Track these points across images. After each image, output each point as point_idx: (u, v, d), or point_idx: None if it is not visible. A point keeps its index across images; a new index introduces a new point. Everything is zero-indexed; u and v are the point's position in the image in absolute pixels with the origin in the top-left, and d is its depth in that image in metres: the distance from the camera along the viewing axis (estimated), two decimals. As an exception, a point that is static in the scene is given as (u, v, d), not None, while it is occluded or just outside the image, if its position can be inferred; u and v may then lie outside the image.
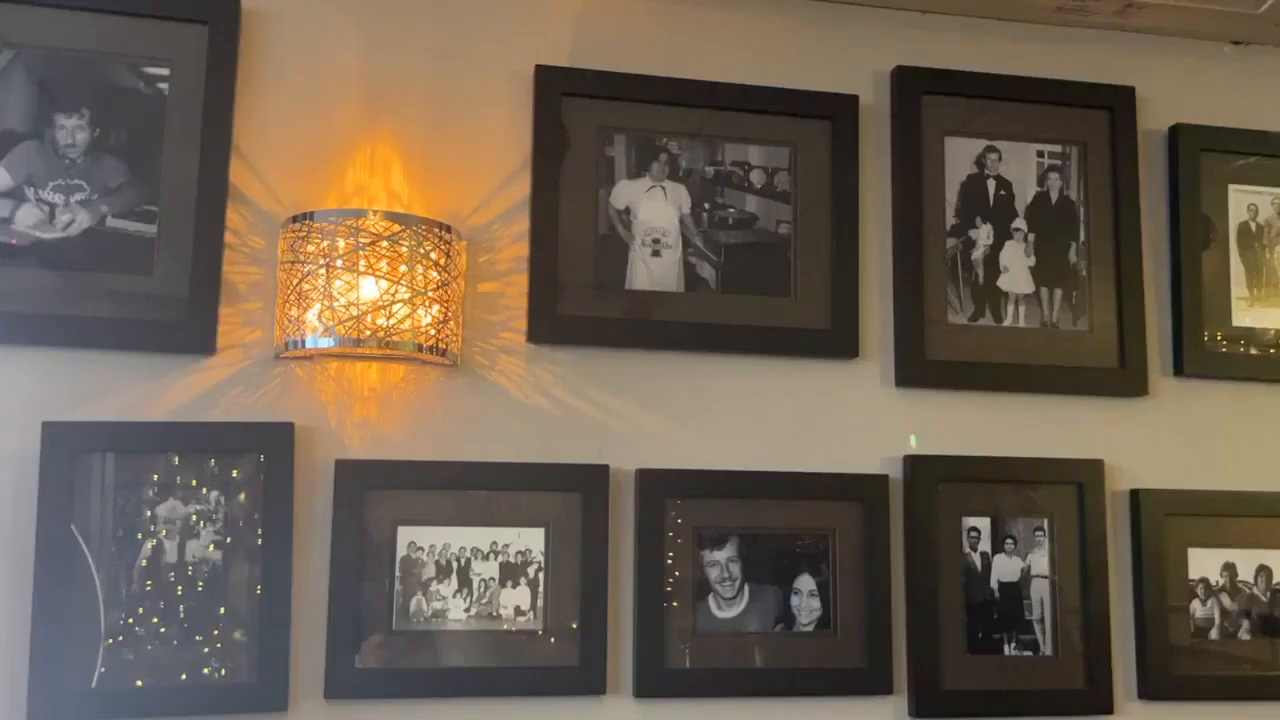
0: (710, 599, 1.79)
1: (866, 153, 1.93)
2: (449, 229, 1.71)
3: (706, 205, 1.87)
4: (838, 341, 1.88)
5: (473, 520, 1.72)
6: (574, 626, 1.72)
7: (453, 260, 1.71)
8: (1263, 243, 2.04)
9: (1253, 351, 2.01)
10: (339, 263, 1.65)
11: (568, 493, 1.75)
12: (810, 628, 1.81)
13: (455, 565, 1.71)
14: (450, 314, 1.70)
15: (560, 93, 1.82)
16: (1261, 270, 2.04)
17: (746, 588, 1.80)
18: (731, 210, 1.88)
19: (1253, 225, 2.04)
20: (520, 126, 1.83)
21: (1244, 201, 2.04)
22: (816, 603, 1.81)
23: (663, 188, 1.86)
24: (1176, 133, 2.02)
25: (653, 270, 1.84)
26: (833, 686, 1.80)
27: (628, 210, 1.84)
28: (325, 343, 1.64)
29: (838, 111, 1.91)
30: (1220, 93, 2.07)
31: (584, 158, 1.83)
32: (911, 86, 1.94)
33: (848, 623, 1.81)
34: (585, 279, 1.81)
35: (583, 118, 1.83)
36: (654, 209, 1.85)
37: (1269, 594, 1.95)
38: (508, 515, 1.74)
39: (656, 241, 1.85)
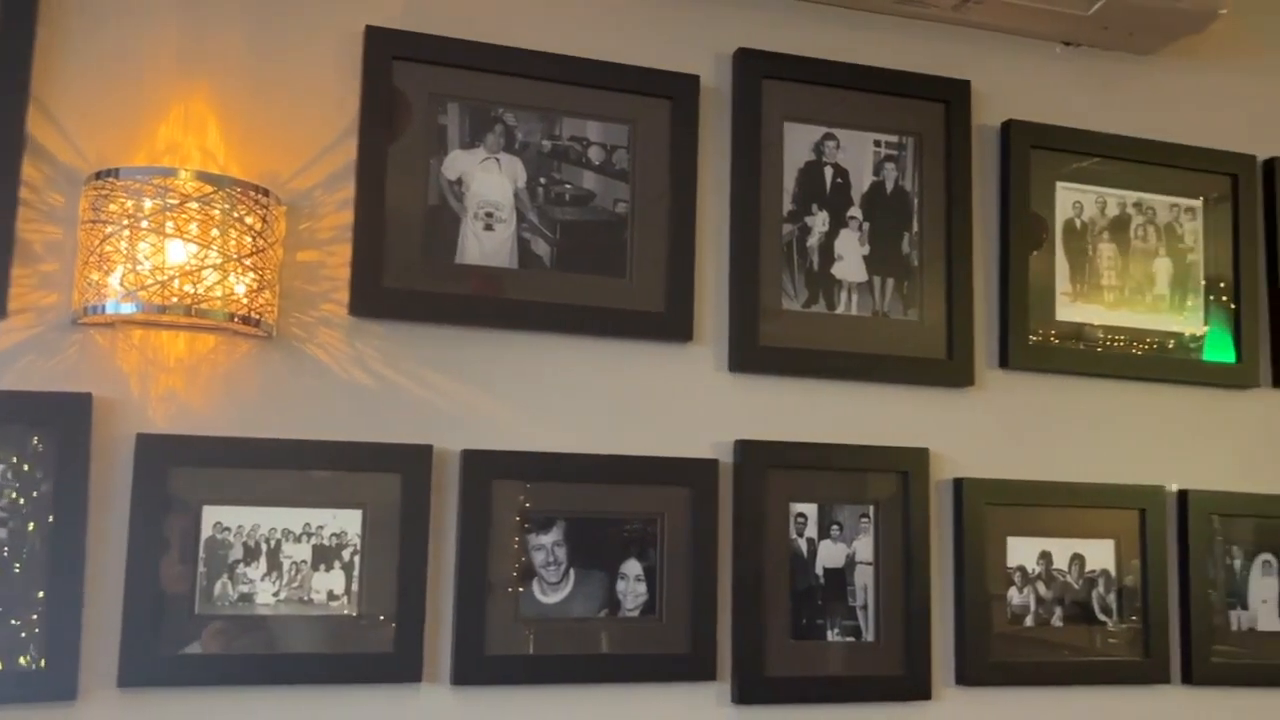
0: (535, 584, 1.74)
1: (706, 134, 1.91)
2: (266, 193, 1.62)
3: (543, 180, 1.82)
4: (672, 325, 1.85)
5: (284, 500, 1.64)
6: (391, 612, 1.66)
7: (270, 226, 1.62)
8: (1087, 240, 2.09)
9: (1074, 346, 2.06)
10: (145, 224, 1.55)
11: (387, 473, 1.68)
12: (636, 613, 1.78)
13: (265, 547, 1.63)
14: (265, 282, 1.62)
15: (391, 56, 1.75)
16: (1085, 267, 2.09)
17: (572, 572, 1.76)
18: (568, 186, 1.83)
19: (1078, 223, 2.09)
20: (348, 89, 1.75)
21: (1070, 199, 2.09)
22: (643, 588, 1.79)
23: (497, 160, 1.80)
24: (1009, 129, 2.06)
25: (485, 245, 1.78)
26: (657, 673, 1.78)
27: (460, 181, 1.78)
28: (127, 308, 1.54)
29: (678, 91, 1.88)
30: (1051, 91, 2.12)
31: (415, 125, 1.76)
32: (753, 70, 1.93)
33: (674, 608, 1.79)
34: (413, 251, 1.74)
35: (415, 83, 1.76)
36: (488, 181, 1.79)
37: (1081, 582, 2.01)
38: (322, 496, 1.66)
39: (489, 215, 1.79)
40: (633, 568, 1.79)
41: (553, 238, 1.81)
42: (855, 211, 1.97)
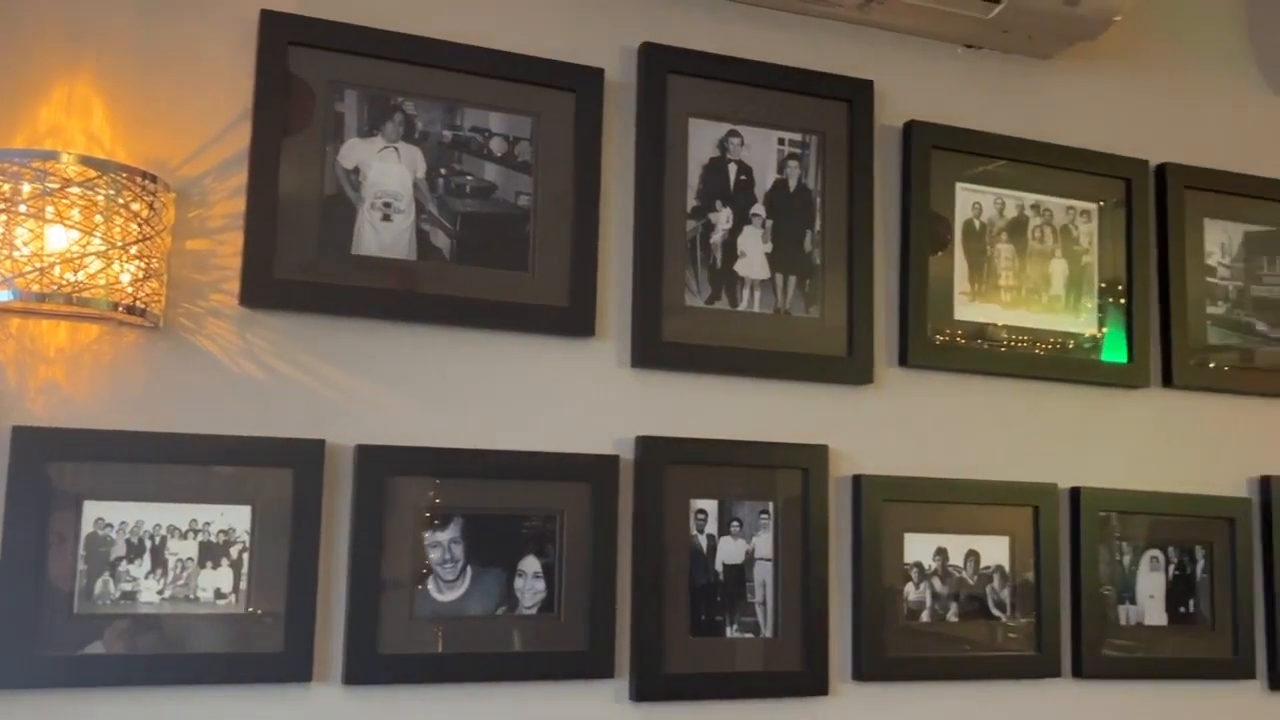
0: (430, 582, 1.71)
1: (611, 129, 1.90)
2: (154, 179, 1.57)
3: (443, 170, 1.79)
4: (574, 320, 1.83)
5: (170, 496, 1.59)
6: (280, 611, 1.62)
7: (157, 213, 1.57)
8: (985, 241, 2.12)
9: (972, 345, 2.09)
10: (23, 208, 1.49)
11: (278, 468, 1.64)
12: (534, 611, 1.76)
13: (149, 544, 1.58)
14: (152, 271, 1.57)
15: (287, 41, 1.70)
16: (983, 267, 2.12)
17: (469, 570, 1.73)
18: (469, 178, 1.81)
19: (977, 223, 2.12)
20: (242, 74, 1.70)
21: (970, 200, 2.12)
22: (541, 585, 1.77)
23: (396, 149, 1.77)
24: (910, 129, 2.07)
25: (382, 235, 1.75)
26: (554, 670, 1.77)
27: (357, 170, 1.74)
28: (4, 296, 1.48)
29: (583, 84, 1.87)
30: (953, 93, 2.14)
31: (311, 112, 1.72)
32: (658, 64, 1.92)
33: (572, 606, 1.78)
34: (307, 241, 1.70)
35: (311, 70, 1.72)
36: (386, 171, 1.76)
37: (976, 578, 2.04)
38: (210, 491, 1.61)
39: (388, 205, 1.76)
40: (531, 565, 1.77)
41: (453, 229, 1.79)
42: (759, 209, 1.98)
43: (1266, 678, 2.21)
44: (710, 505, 1.88)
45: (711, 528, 1.88)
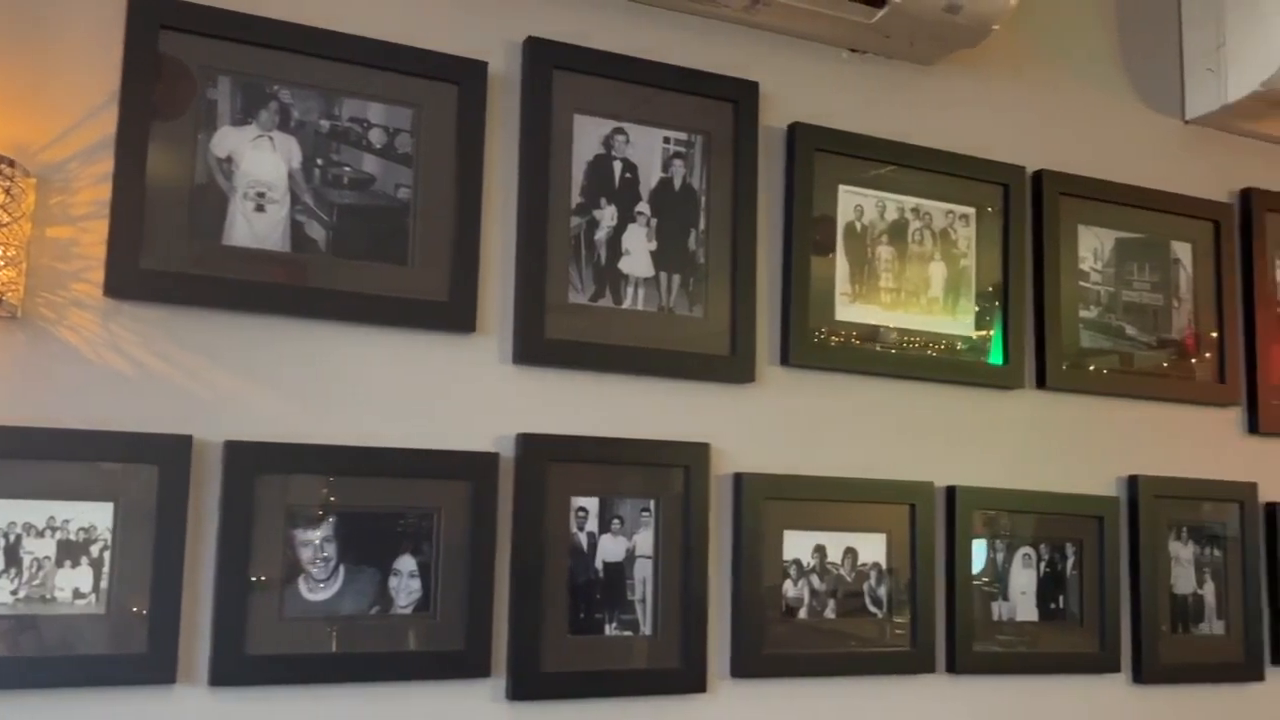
0: (301, 581, 1.68)
1: (494, 123, 1.88)
2: (12, 163, 1.51)
3: (320, 161, 1.76)
4: (455, 315, 1.81)
5: (26, 492, 1.53)
6: (144, 611, 1.57)
7: (15, 199, 1.51)
8: (866, 243, 2.15)
9: (853, 345, 2.11)
10: None
11: (143, 464, 1.59)
12: (409, 610, 1.74)
13: (3, 542, 1.52)
14: (9, 259, 1.51)
15: (158, 24, 1.65)
16: (864, 268, 2.15)
17: (342, 569, 1.70)
18: (347, 169, 1.77)
19: (858, 225, 2.15)
20: (110, 57, 1.64)
21: (852, 202, 2.15)
22: (417, 584, 1.75)
23: (271, 138, 1.73)
24: (794, 131, 2.09)
25: (255, 226, 1.71)
26: (429, 670, 1.74)
27: (230, 159, 1.70)
28: None
29: (465, 77, 1.85)
30: (837, 96, 2.17)
31: (181, 98, 1.67)
32: (543, 59, 1.90)
33: (448, 605, 1.76)
34: (176, 231, 1.65)
35: (182, 54, 1.67)
36: (260, 160, 1.72)
37: (854, 574, 2.06)
38: (70, 488, 1.56)
39: (261, 196, 1.71)
40: (406, 564, 1.74)
41: (329, 221, 1.75)
42: (643, 207, 1.98)
43: (1131, 671, 2.28)
44: (591, 503, 1.88)
45: (592, 525, 1.88)
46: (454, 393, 1.82)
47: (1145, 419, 2.37)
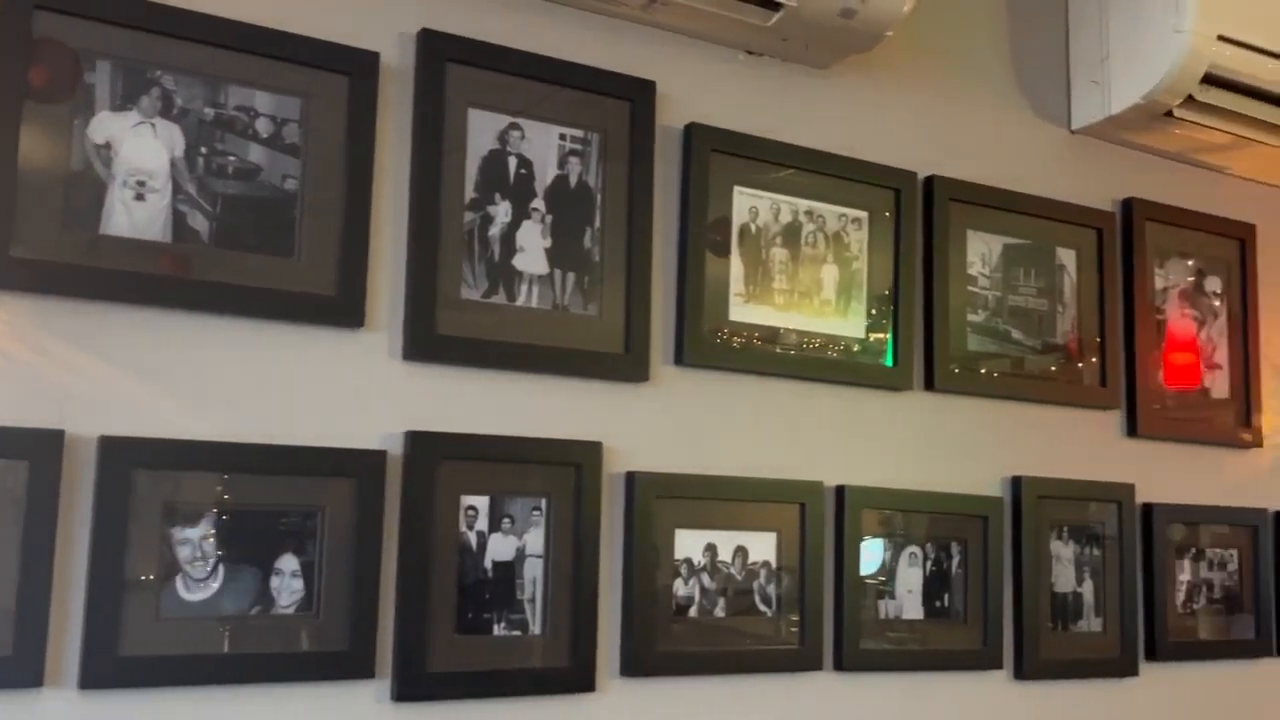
0: (179, 580, 1.63)
1: (386, 115, 1.85)
2: (-128, 144, 1.44)
3: (204, 150, 1.71)
4: (343, 309, 1.78)
5: (-117, 488, 1.47)
6: (9, 612, 1.51)
7: (-126, 181, 1.45)
8: (760, 244, 2.17)
9: (746, 345, 2.13)
10: None
11: (11, 460, 1.53)
12: (291, 610, 1.70)
13: None
14: None
15: (31, 4, 1.60)
16: (759, 270, 2.16)
17: (221, 568, 1.66)
18: (232, 158, 1.73)
19: (753, 227, 2.16)
20: (-20, 36, 1.58)
21: (747, 204, 2.16)
22: (299, 584, 1.71)
23: (152, 125, 1.68)
24: (691, 131, 2.10)
25: (135, 216, 1.66)
26: (311, 671, 1.71)
27: (108, 146, 1.65)
28: None
29: (357, 68, 1.81)
30: (734, 97, 2.18)
31: (56, 81, 1.61)
32: (436, 52, 1.88)
33: (332, 605, 1.72)
34: (50, 219, 1.60)
35: (58, 36, 1.62)
36: (140, 147, 1.67)
37: (744, 573, 2.08)
38: (-69, 484, 1.50)
39: (141, 184, 1.66)
40: (289, 563, 1.71)
41: (213, 212, 1.71)
42: (538, 203, 1.96)
43: (1012, 668, 2.33)
44: (481, 502, 1.86)
45: (482, 524, 1.86)
46: (341, 389, 1.79)
47: (1029, 421, 2.43)
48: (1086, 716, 2.42)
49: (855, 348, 2.24)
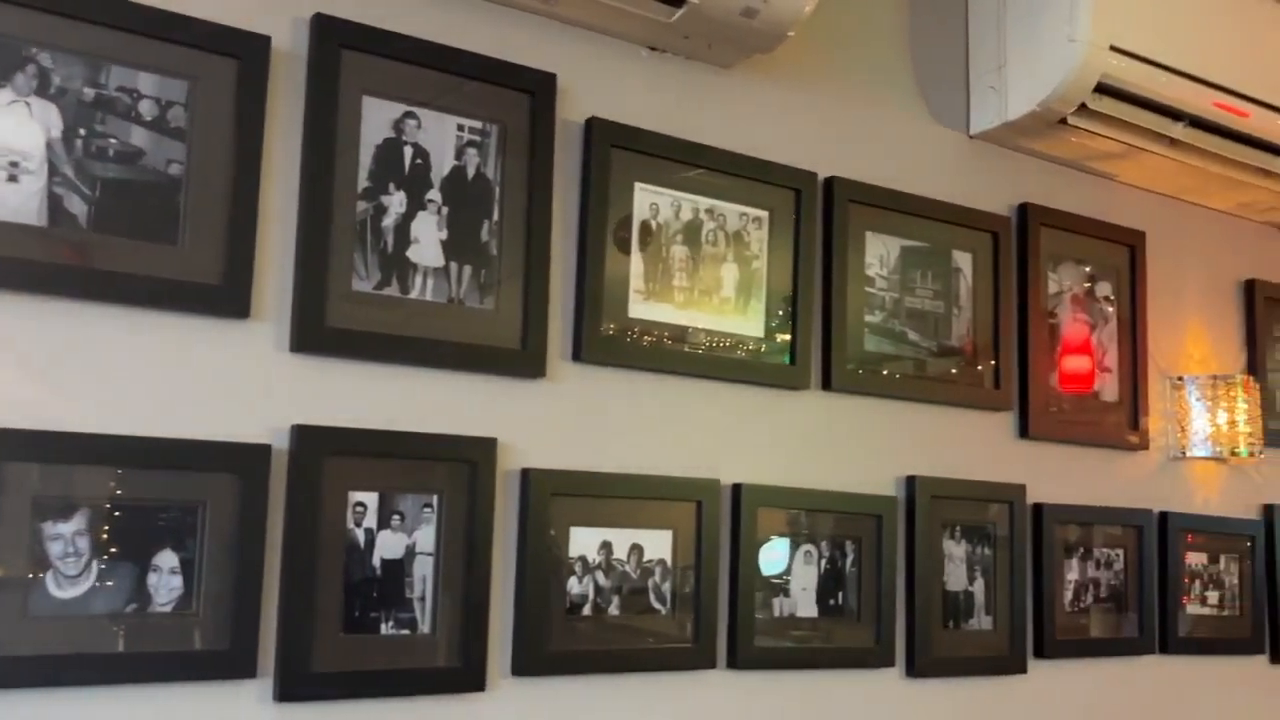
0: (50, 577, 1.57)
1: (277, 100, 1.80)
2: None
3: (83, 131, 1.65)
4: (228, 299, 1.73)
5: None
6: None
7: None
8: (661, 241, 2.16)
9: (645, 342, 2.12)
10: None
11: None
12: (169, 608, 1.65)
13: None
14: None
15: (-104, -27, 1.53)
16: (658, 267, 2.15)
17: (95, 565, 1.60)
18: (113, 141, 1.67)
19: (654, 224, 2.15)
20: None
21: (648, 200, 2.15)
22: (178, 581, 1.66)
23: (28, 104, 1.61)
24: (591, 126, 2.08)
25: (7, 198, 1.59)
26: (191, 671, 1.66)
27: (-21, 124, 1.58)
28: None
29: (247, 51, 1.77)
30: (636, 93, 2.17)
31: (-77, 55, 1.54)
32: (330, 37, 1.84)
33: (213, 603, 1.67)
34: (-86, 198, 1.53)
35: (-74, 7, 1.55)
36: (14, 127, 1.60)
37: (639, 571, 2.07)
38: None
39: (14, 165, 1.60)
40: (168, 559, 1.65)
41: (92, 195, 1.65)
42: (434, 194, 1.93)
43: (905, 665, 2.35)
44: (370, 498, 1.82)
45: (371, 521, 1.82)
46: (225, 381, 1.74)
47: (924, 421, 2.46)
48: (976, 713, 2.45)
49: (754, 347, 2.24)
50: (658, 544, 2.09)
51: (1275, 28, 2.72)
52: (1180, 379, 2.89)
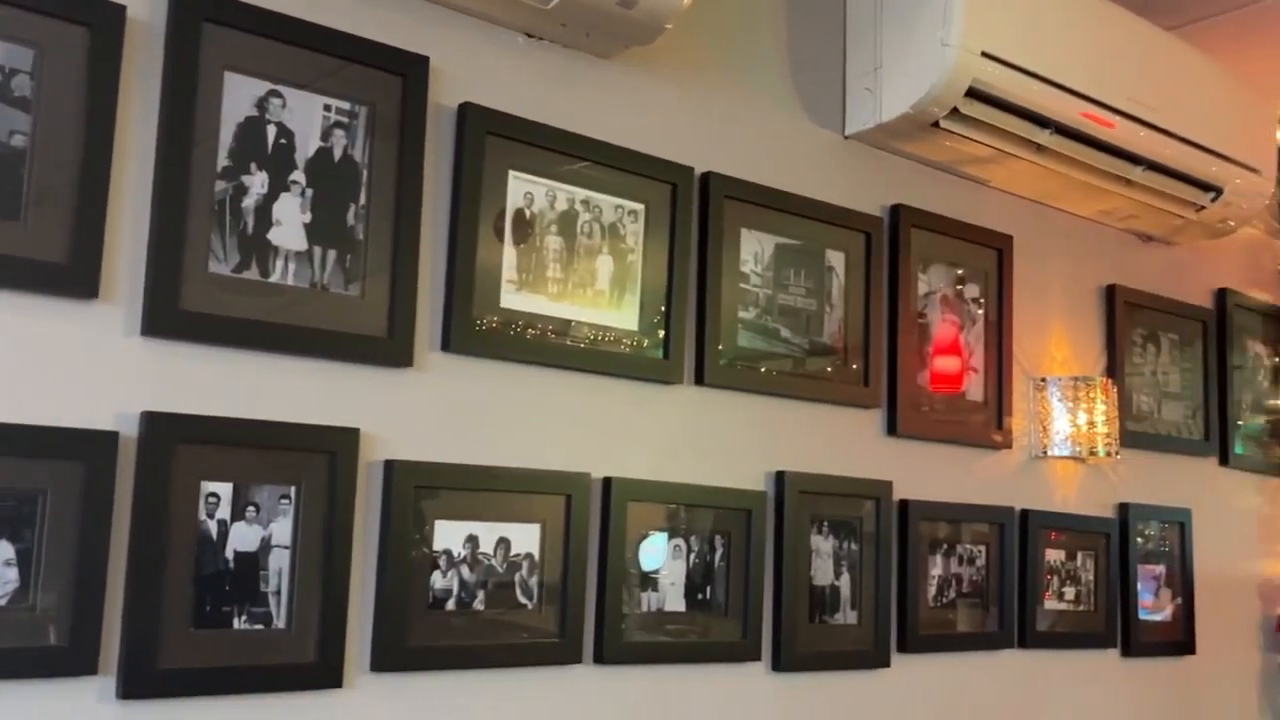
0: None
1: (131, 72, 1.73)
2: None
3: (-85, 97, 1.56)
4: (74, 279, 1.65)
5: None
6: None
7: None
8: (535, 231, 2.13)
9: (517, 334, 2.08)
10: None
11: None
12: (3, 602, 1.57)
13: None
14: None
15: None
16: (532, 257, 2.12)
17: (-79, 556, 1.51)
18: (-50, 109, 1.58)
19: (528, 213, 2.12)
20: None
21: (522, 189, 2.12)
22: (14, 573, 1.58)
23: None
24: (465, 111, 2.04)
25: None
26: (26, 668, 1.58)
27: None
28: None
29: (99, 20, 1.68)
30: (512, 80, 2.13)
31: None
32: (190, 9, 1.77)
33: (52, 596, 1.60)
34: None
35: None
36: None
37: (506, 565, 2.04)
38: None
39: None
40: (3, 551, 1.57)
41: (-76, 166, 1.56)
42: (298, 176, 1.87)
43: (770, 660, 2.37)
44: (224, 489, 1.76)
45: (224, 513, 1.76)
46: (71, 364, 1.66)
47: (795, 417, 2.48)
48: (841, 707, 2.48)
49: (627, 340, 2.23)
50: (526, 538, 2.06)
51: (1142, 41, 2.81)
52: (1043, 380, 2.97)
